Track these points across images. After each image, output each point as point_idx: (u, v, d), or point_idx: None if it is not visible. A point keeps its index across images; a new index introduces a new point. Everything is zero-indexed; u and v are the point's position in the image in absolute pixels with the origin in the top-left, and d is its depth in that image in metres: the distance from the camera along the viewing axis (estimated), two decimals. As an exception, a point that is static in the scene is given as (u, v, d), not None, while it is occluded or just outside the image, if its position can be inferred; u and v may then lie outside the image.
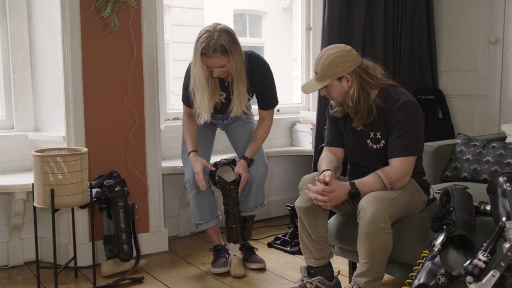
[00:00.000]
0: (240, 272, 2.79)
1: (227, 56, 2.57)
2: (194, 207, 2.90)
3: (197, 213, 2.90)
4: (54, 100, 2.97)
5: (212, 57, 2.56)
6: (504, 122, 3.59)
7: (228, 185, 2.84)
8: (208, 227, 2.92)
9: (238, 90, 2.69)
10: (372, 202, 2.10)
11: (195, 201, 2.88)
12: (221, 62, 2.58)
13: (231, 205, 2.85)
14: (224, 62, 2.58)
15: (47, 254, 2.99)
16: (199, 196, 2.87)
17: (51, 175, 2.42)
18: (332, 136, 2.48)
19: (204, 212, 2.89)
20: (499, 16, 3.76)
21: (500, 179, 2.03)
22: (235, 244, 2.90)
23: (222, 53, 2.55)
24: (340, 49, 2.27)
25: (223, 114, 2.92)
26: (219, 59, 2.57)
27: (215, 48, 2.54)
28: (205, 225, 2.91)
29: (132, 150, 3.05)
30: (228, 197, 2.85)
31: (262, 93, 2.84)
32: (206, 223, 2.91)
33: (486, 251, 1.87)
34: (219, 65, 2.59)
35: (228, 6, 9.34)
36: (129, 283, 2.72)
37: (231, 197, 2.84)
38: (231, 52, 2.57)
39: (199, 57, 2.58)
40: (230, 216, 2.86)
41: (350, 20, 3.66)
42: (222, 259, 2.88)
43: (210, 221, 2.92)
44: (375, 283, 2.17)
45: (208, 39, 2.55)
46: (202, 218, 2.90)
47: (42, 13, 2.98)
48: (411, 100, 2.26)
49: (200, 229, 2.95)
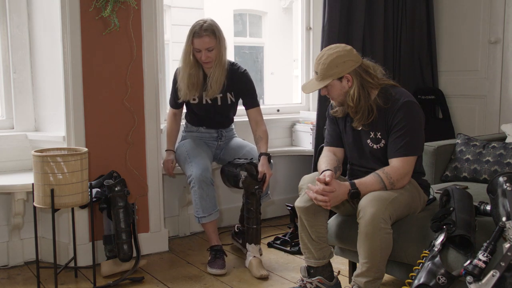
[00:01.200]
0: (264, 272, 2.78)
1: (215, 39, 2.87)
2: (198, 199, 2.87)
3: (200, 206, 2.88)
4: (54, 100, 2.97)
5: (203, 36, 2.84)
6: (504, 122, 3.59)
7: (254, 185, 2.85)
8: (211, 219, 2.90)
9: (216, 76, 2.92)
10: (372, 202, 2.10)
11: (200, 192, 2.85)
12: (210, 43, 2.85)
13: (254, 204, 2.88)
14: (212, 44, 2.86)
15: (47, 254, 2.99)
16: (205, 187, 2.86)
17: (51, 175, 2.42)
18: (332, 136, 2.48)
19: (208, 204, 2.88)
20: (499, 16, 3.76)
21: (500, 179, 2.03)
22: (255, 245, 2.90)
23: (212, 33, 2.86)
24: (341, 49, 2.27)
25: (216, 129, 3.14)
26: (209, 38, 2.85)
27: (206, 28, 2.86)
28: (208, 217, 2.89)
29: (132, 150, 3.05)
30: (252, 196, 2.87)
31: (247, 92, 3.07)
32: (210, 216, 2.89)
33: (486, 251, 1.87)
34: (208, 46, 2.85)
35: (228, 6, 9.35)
36: (129, 283, 2.72)
37: (255, 196, 2.87)
38: (219, 39, 2.89)
39: (191, 39, 2.87)
40: (252, 216, 2.87)
41: (350, 20, 3.66)
42: (220, 260, 2.88)
43: (213, 214, 2.91)
44: (375, 283, 2.17)
45: (200, 23, 2.89)
46: (205, 210, 2.88)
47: (42, 13, 2.98)
48: (411, 100, 2.26)
49: (203, 222, 2.90)
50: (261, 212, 2.94)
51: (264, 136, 3.04)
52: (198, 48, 2.87)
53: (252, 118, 3.09)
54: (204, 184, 2.85)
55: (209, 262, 2.90)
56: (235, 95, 3.07)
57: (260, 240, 2.95)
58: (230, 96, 3.05)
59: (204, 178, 2.85)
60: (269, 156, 2.97)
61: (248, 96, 3.08)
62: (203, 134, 3.15)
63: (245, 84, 3.06)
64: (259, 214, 2.91)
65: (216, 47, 2.88)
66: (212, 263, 2.87)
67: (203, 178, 2.84)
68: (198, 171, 2.86)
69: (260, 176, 2.87)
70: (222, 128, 3.17)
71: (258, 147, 3.04)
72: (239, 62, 4.06)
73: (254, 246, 2.90)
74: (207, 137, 3.16)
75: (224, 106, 3.07)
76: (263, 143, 3.02)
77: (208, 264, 2.89)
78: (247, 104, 3.09)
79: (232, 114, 3.19)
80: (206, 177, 2.85)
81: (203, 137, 3.15)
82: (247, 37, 9.91)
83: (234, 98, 3.07)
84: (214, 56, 2.89)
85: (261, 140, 3.03)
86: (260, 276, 2.76)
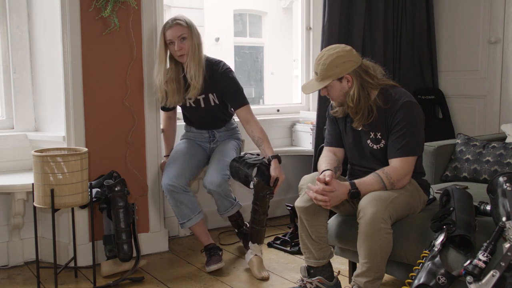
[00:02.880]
0: (265, 274, 2.78)
1: (187, 28, 2.83)
2: (174, 207, 2.88)
3: (178, 213, 2.88)
4: (54, 100, 2.97)
5: (173, 26, 2.82)
6: (504, 122, 3.59)
7: (265, 190, 2.78)
8: (193, 224, 2.89)
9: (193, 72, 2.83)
10: (372, 202, 2.10)
11: (172, 201, 2.85)
12: (182, 31, 2.82)
13: (263, 206, 2.83)
14: (184, 31, 2.82)
15: (47, 254, 2.99)
16: (175, 196, 2.84)
17: (51, 175, 2.42)
18: (332, 136, 2.48)
19: (184, 211, 2.86)
20: (499, 16, 3.76)
21: (500, 179, 2.03)
22: (259, 244, 2.90)
23: (184, 22, 2.84)
24: (341, 49, 2.27)
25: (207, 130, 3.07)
26: (180, 27, 2.82)
27: (177, 18, 2.86)
28: (189, 222, 2.88)
29: (132, 150, 3.05)
30: (261, 199, 2.82)
31: (230, 93, 2.95)
32: (190, 221, 2.88)
33: (486, 251, 1.87)
34: (180, 33, 2.81)
35: (228, 6, 9.35)
36: (129, 283, 2.72)
37: (265, 200, 2.82)
38: (191, 28, 2.85)
39: (163, 33, 2.84)
40: (260, 218, 2.84)
41: (350, 20, 3.66)
42: (215, 256, 2.88)
43: (193, 218, 2.88)
44: (375, 283, 2.17)
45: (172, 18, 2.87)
46: (183, 216, 2.87)
47: (42, 13, 2.99)
48: (411, 100, 2.26)
49: (186, 227, 2.90)
50: (268, 214, 2.90)
51: (264, 136, 2.91)
52: (171, 39, 2.82)
53: (243, 119, 2.95)
54: (173, 193, 2.83)
55: (206, 262, 2.90)
56: (217, 96, 2.96)
57: (263, 240, 2.94)
58: (212, 97, 2.95)
59: (172, 187, 2.82)
60: (279, 158, 2.86)
61: (232, 97, 2.95)
62: (196, 135, 3.11)
63: (226, 85, 2.92)
64: (266, 216, 2.88)
65: (188, 37, 2.81)
66: (209, 261, 2.87)
67: (171, 187, 2.82)
68: (166, 180, 2.84)
69: (272, 180, 2.79)
70: (213, 128, 3.09)
71: (262, 149, 2.91)
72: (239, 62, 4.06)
73: (257, 245, 2.90)
74: (199, 138, 3.11)
75: (208, 108, 2.98)
76: (266, 145, 2.89)
77: (206, 264, 2.89)
78: (233, 105, 2.97)
79: (221, 115, 3.06)
80: (174, 186, 2.82)
81: (196, 137, 3.11)
82: (247, 37, 9.91)
83: (217, 100, 2.97)
84: (187, 47, 2.81)
85: (262, 142, 2.90)
86: (262, 278, 2.76)
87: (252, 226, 2.89)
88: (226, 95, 2.96)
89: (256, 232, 2.89)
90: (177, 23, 2.82)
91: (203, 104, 2.98)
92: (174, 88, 2.89)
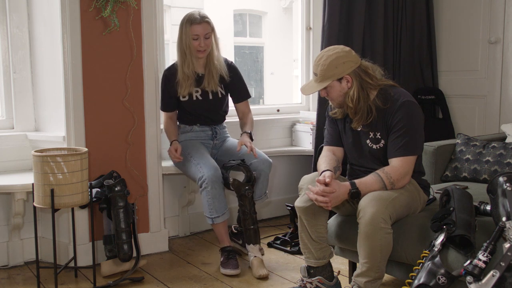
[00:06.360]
0: (263, 272, 2.78)
1: (210, 27, 2.97)
2: (211, 200, 2.86)
3: (213, 206, 2.87)
4: (54, 100, 2.97)
5: (202, 23, 2.94)
6: (504, 122, 3.59)
7: (243, 186, 2.86)
8: (224, 219, 2.90)
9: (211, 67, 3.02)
10: (372, 202, 2.10)
11: (213, 192, 2.84)
12: (208, 29, 2.96)
13: (247, 205, 2.88)
14: (210, 30, 2.97)
15: (47, 254, 2.99)
16: (217, 187, 2.85)
17: (51, 175, 2.42)
18: (331, 135, 2.48)
19: (220, 204, 2.87)
20: (499, 16, 3.76)
21: (500, 179, 2.03)
22: (254, 245, 2.90)
23: (209, 21, 2.97)
24: (340, 50, 2.27)
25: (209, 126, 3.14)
26: (208, 26, 2.96)
27: (204, 16, 2.97)
28: (222, 217, 2.89)
29: (132, 150, 3.05)
30: (243, 198, 2.87)
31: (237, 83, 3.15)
32: (222, 216, 2.89)
33: (486, 251, 1.88)
34: (207, 31, 2.95)
35: (228, 6, 9.34)
36: (129, 283, 2.72)
37: (247, 197, 2.87)
38: (213, 28, 2.99)
39: (189, 26, 2.93)
40: (247, 217, 2.88)
41: (350, 20, 3.66)
42: (233, 260, 2.86)
43: (225, 214, 2.91)
44: (375, 283, 2.17)
45: (195, 12, 2.98)
46: (218, 210, 2.87)
47: (42, 13, 2.99)
48: (410, 100, 2.26)
49: (217, 222, 2.89)
50: (256, 212, 2.92)
51: (250, 121, 3.15)
52: (198, 35, 2.93)
53: (242, 111, 3.18)
54: (216, 184, 2.85)
55: (222, 263, 2.88)
56: (225, 88, 3.11)
57: (259, 239, 2.94)
58: (220, 89, 3.09)
59: (216, 179, 2.85)
60: (250, 135, 3.07)
61: (239, 89, 3.15)
62: (198, 134, 3.13)
63: (235, 76, 3.12)
64: (255, 214, 2.90)
65: (211, 36, 2.98)
66: (225, 263, 2.85)
67: (215, 178, 2.84)
68: (210, 171, 2.85)
69: (238, 148, 2.96)
70: (215, 124, 3.16)
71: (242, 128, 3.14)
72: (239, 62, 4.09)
73: (253, 246, 2.89)
74: (202, 136, 3.13)
75: (215, 100, 3.08)
76: (248, 124, 3.13)
77: (221, 265, 2.87)
78: (238, 97, 3.16)
79: (223, 109, 3.17)
80: (217, 177, 2.86)
81: (198, 137, 3.13)
82: (247, 37, 9.90)
83: (224, 91, 3.11)
84: (210, 43, 2.98)
85: (246, 123, 3.14)
86: (259, 276, 2.76)
87: (245, 227, 2.90)
88: (234, 87, 3.14)
89: (250, 233, 2.89)
90: (206, 21, 2.95)
91: (211, 96, 3.06)
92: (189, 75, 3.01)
